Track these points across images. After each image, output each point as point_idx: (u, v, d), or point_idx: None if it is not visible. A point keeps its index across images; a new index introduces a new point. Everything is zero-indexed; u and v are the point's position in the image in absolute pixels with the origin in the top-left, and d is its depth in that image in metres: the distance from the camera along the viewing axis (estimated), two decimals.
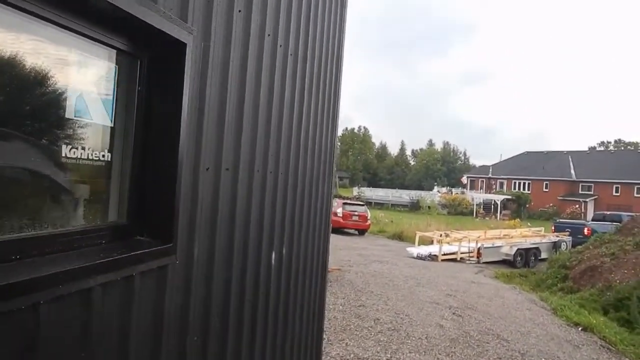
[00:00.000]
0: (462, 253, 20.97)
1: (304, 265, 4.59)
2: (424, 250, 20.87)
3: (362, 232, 28.55)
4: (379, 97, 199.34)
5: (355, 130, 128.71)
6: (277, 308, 3.86)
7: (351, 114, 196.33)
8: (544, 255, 22.51)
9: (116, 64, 2.13)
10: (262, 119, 3.33)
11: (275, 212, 3.77)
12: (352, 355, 7.43)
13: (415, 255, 20.28)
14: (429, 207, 53.24)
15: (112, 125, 2.14)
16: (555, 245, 23.71)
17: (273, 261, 3.74)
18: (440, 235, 22.73)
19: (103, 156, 2.08)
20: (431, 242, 22.94)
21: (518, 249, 21.57)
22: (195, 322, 2.59)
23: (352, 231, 28.53)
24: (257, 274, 3.42)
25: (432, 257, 20.05)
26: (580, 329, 10.79)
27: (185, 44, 2.27)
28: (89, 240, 2.02)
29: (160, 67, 2.29)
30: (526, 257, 21.80)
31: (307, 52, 4.22)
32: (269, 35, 3.35)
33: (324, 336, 6.45)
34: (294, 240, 4.24)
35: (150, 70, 2.28)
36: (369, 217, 29.07)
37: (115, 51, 2.12)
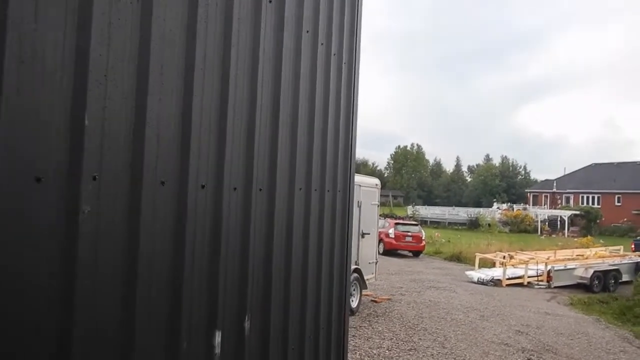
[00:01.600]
0: (529, 277, 18.54)
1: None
2: (486, 274, 18.61)
3: (416, 253, 26.43)
4: (432, 113, 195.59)
5: (408, 148, 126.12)
6: None
7: (403, 132, 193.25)
8: (625, 277, 19.74)
9: None
10: None
11: None
12: None
13: (475, 280, 18.14)
14: (489, 224, 50.11)
15: None
16: (638, 267, 20.83)
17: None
18: (504, 257, 20.38)
19: None
20: (493, 265, 20.64)
21: (595, 271, 18.89)
22: None
23: (406, 253, 26.48)
24: None
25: (495, 282, 17.77)
26: None
27: None
28: None
29: None
30: (605, 280, 19.07)
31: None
32: None
33: None
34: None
35: None
36: (423, 238, 26.93)
37: None
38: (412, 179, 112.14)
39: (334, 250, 3.59)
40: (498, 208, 62.58)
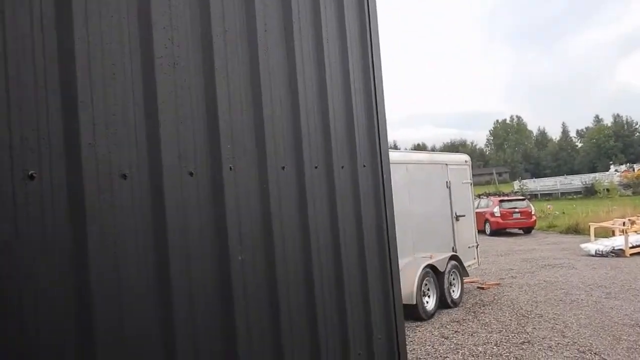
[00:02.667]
0: None
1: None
2: (604, 244, 16.34)
3: (527, 230, 24.50)
4: (528, 83, 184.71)
5: (508, 121, 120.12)
6: None
7: (500, 106, 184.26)
8: None
9: None
10: None
11: None
12: None
13: (593, 252, 16.01)
14: (607, 190, 45.93)
15: None
16: None
17: None
18: (624, 224, 18.03)
19: None
20: (612, 234, 18.36)
21: None
22: None
23: (515, 231, 24.60)
24: None
25: (617, 253, 15.62)
26: None
27: None
28: None
29: None
30: None
31: None
32: None
33: None
34: None
35: None
36: (533, 212, 24.86)
37: None
38: (516, 152, 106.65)
39: (362, 237, 2.77)
40: (616, 171, 57.30)
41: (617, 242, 16.32)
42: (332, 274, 2.48)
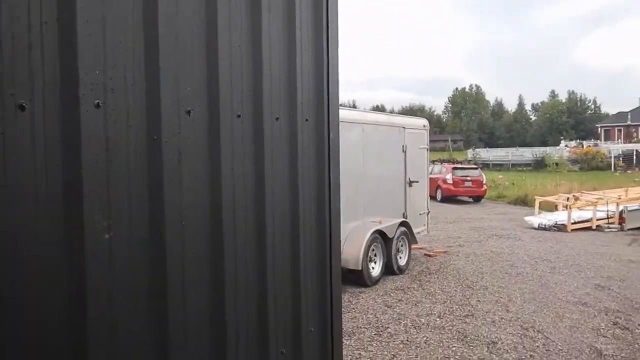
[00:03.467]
0: (598, 219, 16.46)
1: None
2: (548, 218, 16.48)
3: (477, 199, 24.75)
4: (490, 52, 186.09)
5: (467, 90, 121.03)
6: None
7: (460, 74, 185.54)
8: None
9: None
10: None
11: None
12: None
13: (536, 225, 16.09)
14: (556, 164, 47.11)
15: None
16: None
17: None
18: (567, 199, 18.23)
19: None
20: (555, 208, 18.59)
21: None
22: None
23: (465, 199, 24.81)
24: None
25: (559, 227, 15.78)
26: None
27: None
28: None
29: None
30: None
31: None
32: None
33: None
34: None
35: None
36: (484, 182, 25.06)
37: None
38: (472, 121, 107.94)
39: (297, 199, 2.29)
40: (566, 146, 58.88)
41: (560, 217, 16.46)
42: (252, 250, 2.00)
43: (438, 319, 7.04)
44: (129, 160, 1.57)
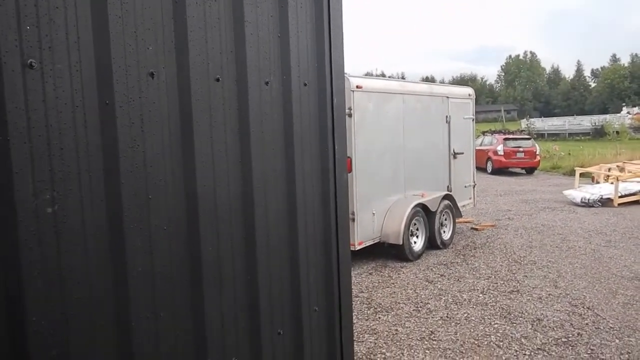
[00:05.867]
0: None
1: None
2: (591, 192, 14.53)
3: (530, 170, 23.87)
4: (546, 17, 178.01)
5: (521, 57, 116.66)
6: None
7: (514, 41, 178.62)
8: None
9: None
10: None
11: None
12: None
13: (579, 200, 14.18)
14: (617, 132, 44.86)
15: None
16: None
17: None
18: (609, 170, 16.82)
19: None
20: (592, 180, 17.12)
21: None
22: None
23: (517, 170, 23.98)
24: None
25: (603, 202, 14.07)
26: None
27: None
28: None
29: None
30: None
31: None
32: None
33: None
34: None
35: None
36: (538, 152, 24.11)
37: None
38: (526, 90, 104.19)
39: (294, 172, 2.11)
40: (628, 113, 55.91)
41: (604, 189, 14.79)
42: (239, 229, 1.84)
43: (481, 295, 6.77)
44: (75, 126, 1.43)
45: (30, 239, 1.36)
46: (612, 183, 15.01)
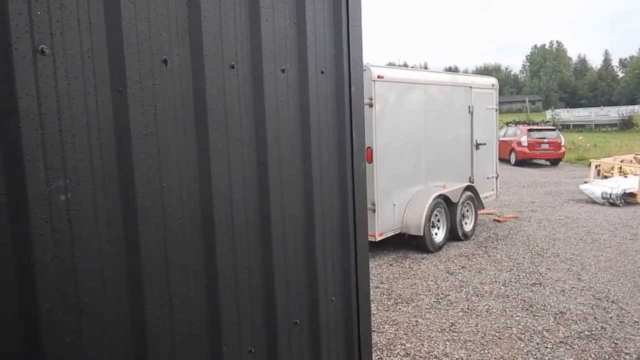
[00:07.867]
0: None
1: None
2: (611, 186, 13.19)
3: (554, 162, 23.50)
4: (574, 4, 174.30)
5: (547, 47, 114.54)
6: None
7: (539, 31, 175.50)
8: None
9: None
10: None
11: None
12: None
13: (599, 195, 12.91)
14: None
15: None
16: None
17: None
18: (627, 161, 16.14)
19: None
20: (599, 175, 15.78)
21: None
22: None
23: (542, 162, 23.62)
24: None
25: (624, 198, 12.77)
26: None
27: None
28: None
29: None
30: None
31: None
32: None
33: None
34: None
35: None
36: (563, 144, 23.70)
37: None
38: (552, 80, 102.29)
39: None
40: None
41: (628, 183, 13.49)
42: (255, 218, 1.83)
43: (502, 287, 6.69)
44: (87, 113, 1.42)
45: (43, 226, 1.37)
46: (625, 176, 14.43)
